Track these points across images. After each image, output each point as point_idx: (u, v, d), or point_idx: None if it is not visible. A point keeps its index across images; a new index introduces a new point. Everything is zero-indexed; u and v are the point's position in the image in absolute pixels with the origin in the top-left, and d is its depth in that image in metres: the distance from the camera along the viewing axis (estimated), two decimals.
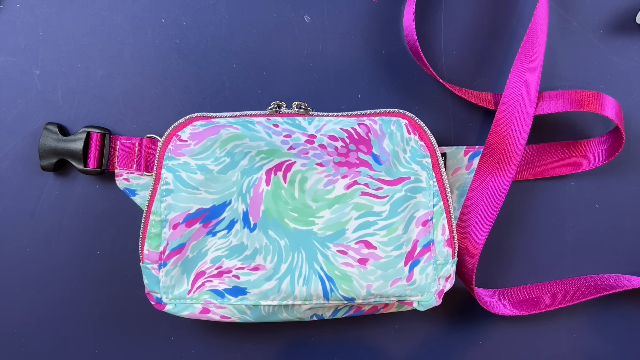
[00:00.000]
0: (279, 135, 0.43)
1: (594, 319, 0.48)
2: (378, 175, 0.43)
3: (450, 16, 0.48)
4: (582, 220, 0.48)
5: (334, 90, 0.47)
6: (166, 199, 0.42)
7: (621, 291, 0.48)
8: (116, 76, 0.47)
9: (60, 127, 0.45)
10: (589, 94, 0.44)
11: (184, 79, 0.47)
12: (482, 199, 0.45)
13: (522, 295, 0.47)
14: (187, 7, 0.47)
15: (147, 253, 0.43)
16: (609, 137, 0.46)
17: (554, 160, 0.47)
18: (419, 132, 0.43)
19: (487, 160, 0.45)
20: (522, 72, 0.44)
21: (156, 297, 0.43)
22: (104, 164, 0.45)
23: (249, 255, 0.43)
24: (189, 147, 0.42)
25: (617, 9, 0.48)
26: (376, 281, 0.42)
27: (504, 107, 0.44)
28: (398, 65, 0.47)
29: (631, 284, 0.46)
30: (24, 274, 0.47)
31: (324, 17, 0.47)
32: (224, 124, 0.42)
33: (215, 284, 0.43)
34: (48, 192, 0.47)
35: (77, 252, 0.47)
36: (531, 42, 0.44)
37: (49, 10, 0.47)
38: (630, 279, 0.46)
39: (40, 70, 0.47)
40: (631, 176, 0.48)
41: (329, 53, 0.47)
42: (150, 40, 0.47)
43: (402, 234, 0.43)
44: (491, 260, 0.48)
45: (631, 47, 0.48)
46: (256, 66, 0.47)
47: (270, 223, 0.43)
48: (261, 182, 0.43)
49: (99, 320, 0.47)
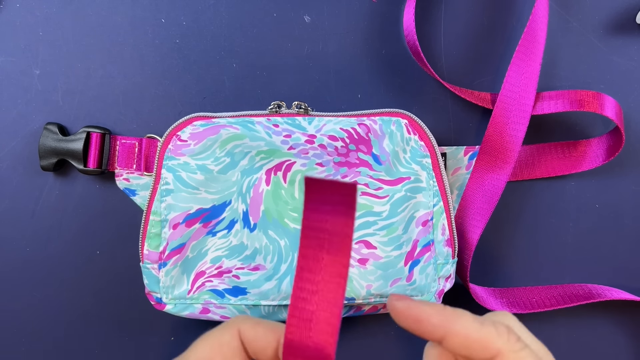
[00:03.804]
0: (279, 135, 0.43)
1: (595, 318, 0.48)
2: (378, 175, 0.43)
3: (450, 16, 0.48)
4: (582, 220, 0.48)
5: (334, 90, 0.47)
6: (166, 199, 0.42)
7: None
8: (116, 76, 0.47)
9: (60, 127, 0.45)
10: (589, 94, 0.44)
11: (184, 79, 0.47)
12: (478, 196, 0.45)
13: (521, 295, 0.47)
14: (187, 7, 0.47)
15: (147, 253, 0.43)
16: (609, 137, 0.46)
17: (554, 160, 0.47)
18: (419, 132, 0.43)
19: (484, 158, 0.45)
20: (519, 70, 0.44)
21: (156, 297, 0.43)
22: (104, 164, 0.45)
23: (249, 255, 0.43)
24: (189, 147, 0.42)
25: (617, 9, 0.48)
26: (376, 281, 0.42)
27: (501, 104, 0.45)
28: (398, 65, 0.47)
29: (612, 296, 0.46)
30: (24, 274, 0.47)
31: (324, 17, 0.47)
32: (224, 124, 0.42)
33: (215, 284, 0.43)
34: (48, 192, 0.47)
35: (77, 252, 0.47)
36: (529, 39, 0.44)
37: (49, 10, 0.47)
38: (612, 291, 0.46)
39: (40, 70, 0.47)
40: (631, 176, 0.48)
41: (329, 53, 0.47)
42: (150, 40, 0.47)
43: (402, 234, 0.43)
44: (491, 260, 0.48)
45: (631, 47, 0.48)
46: (256, 66, 0.47)
47: (270, 223, 0.43)
48: (261, 182, 0.43)
49: (99, 320, 0.47)
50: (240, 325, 0.28)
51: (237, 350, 0.28)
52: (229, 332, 0.28)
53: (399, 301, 0.26)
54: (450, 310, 0.26)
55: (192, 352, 0.28)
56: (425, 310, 0.26)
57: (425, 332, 0.26)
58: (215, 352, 0.28)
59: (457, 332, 0.25)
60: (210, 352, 0.28)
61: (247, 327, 0.28)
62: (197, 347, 0.28)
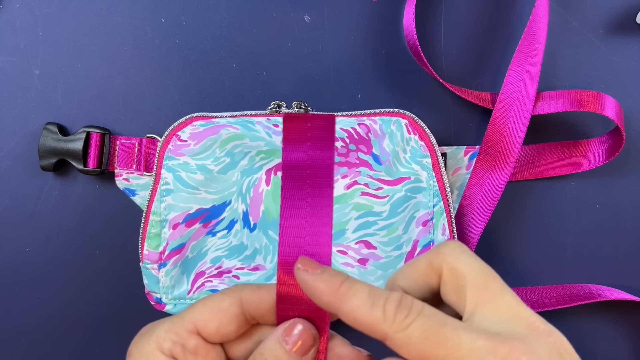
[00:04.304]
0: (279, 135, 0.43)
1: (595, 318, 0.48)
2: (378, 175, 0.43)
3: (450, 16, 0.47)
4: (582, 220, 0.48)
5: (334, 90, 0.47)
6: (166, 199, 0.42)
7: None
8: (116, 76, 0.47)
9: (60, 127, 0.45)
10: (589, 94, 0.44)
11: (184, 79, 0.47)
12: (478, 196, 0.45)
13: (521, 295, 0.47)
14: (187, 7, 0.47)
15: (146, 253, 0.43)
16: (609, 137, 0.46)
17: (554, 160, 0.47)
18: (419, 132, 0.43)
19: (485, 158, 0.45)
20: (520, 70, 0.44)
21: (156, 297, 0.43)
22: (104, 164, 0.45)
23: (249, 255, 0.43)
24: (189, 147, 0.42)
25: (617, 9, 0.48)
26: (376, 281, 0.42)
27: (501, 104, 0.45)
28: (398, 65, 0.47)
29: (612, 296, 0.46)
30: (24, 274, 0.47)
31: (324, 17, 0.47)
32: (224, 124, 0.42)
33: (215, 284, 0.43)
34: (48, 192, 0.47)
35: (77, 252, 0.47)
36: (530, 39, 0.44)
37: (49, 10, 0.47)
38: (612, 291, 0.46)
39: (40, 70, 0.47)
40: (631, 176, 0.48)
41: (329, 53, 0.47)
42: (150, 40, 0.47)
43: (402, 234, 0.43)
44: (491, 261, 0.48)
45: (631, 47, 0.48)
46: (256, 66, 0.47)
47: (270, 223, 0.43)
48: (261, 182, 0.43)
49: (99, 320, 0.47)
50: (242, 293, 0.28)
51: (234, 317, 0.28)
52: (229, 298, 0.28)
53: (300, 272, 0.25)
54: (345, 288, 0.24)
55: (189, 313, 0.28)
56: (318, 287, 0.25)
57: (323, 307, 0.25)
58: (213, 315, 0.28)
59: (345, 313, 0.24)
60: (208, 314, 0.28)
61: (249, 292, 0.28)
62: (194, 309, 0.28)
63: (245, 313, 0.28)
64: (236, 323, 0.28)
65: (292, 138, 0.25)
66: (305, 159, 0.26)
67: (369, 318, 0.24)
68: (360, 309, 0.24)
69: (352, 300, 0.24)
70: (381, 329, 0.24)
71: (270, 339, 0.27)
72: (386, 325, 0.24)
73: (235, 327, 0.28)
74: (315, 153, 0.25)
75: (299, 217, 0.26)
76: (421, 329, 0.23)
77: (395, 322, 0.24)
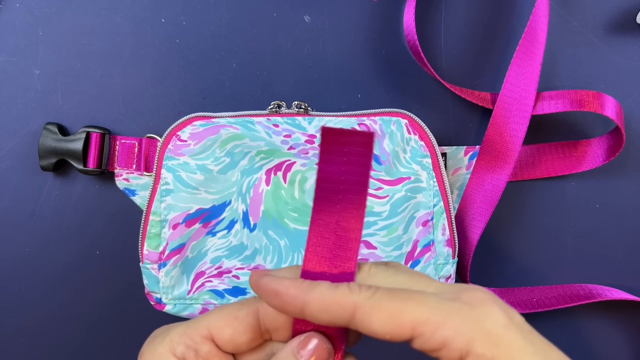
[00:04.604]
0: (278, 135, 0.43)
1: (595, 318, 0.48)
2: (378, 175, 0.43)
3: (450, 16, 0.47)
4: (582, 220, 0.48)
5: (334, 90, 0.47)
6: (166, 199, 0.42)
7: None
8: (116, 76, 0.47)
9: (60, 127, 0.45)
10: (589, 94, 0.44)
11: (184, 79, 0.47)
12: (478, 196, 0.45)
13: (521, 295, 0.47)
14: (187, 7, 0.47)
15: (146, 253, 0.43)
16: (609, 137, 0.46)
17: (554, 160, 0.47)
18: (419, 132, 0.43)
19: (484, 158, 0.45)
20: (520, 70, 0.44)
21: (156, 297, 0.43)
22: (104, 164, 0.45)
23: (249, 256, 0.43)
24: (189, 147, 0.42)
25: (617, 9, 0.48)
26: None
27: (501, 104, 0.45)
28: (398, 65, 0.47)
29: (612, 295, 0.46)
30: (24, 274, 0.47)
31: (324, 17, 0.47)
32: (224, 123, 0.42)
33: (215, 284, 0.43)
34: (48, 192, 0.47)
35: (77, 252, 0.47)
36: (530, 39, 0.44)
37: (49, 10, 0.47)
38: (612, 291, 0.46)
39: (40, 70, 0.47)
40: (631, 176, 0.48)
41: (329, 53, 0.47)
42: (150, 40, 0.47)
43: (402, 234, 0.43)
44: (491, 261, 0.48)
45: (631, 47, 0.48)
46: (256, 66, 0.47)
47: (270, 223, 0.43)
48: (261, 182, 0.43)
49: (99, 320, 0.47)
50: (259, 303, 0.28)
51: (249, 327, 0.28)
52: (246, 308, 0.28)
53: (258, 276, 0.26)
54: (308, 282, 0.26)
55: (205, 318, 0.28)
56: (283, 283, 0.26)
57: (287, 305, 0.25)
58: (228, 323, 0.28)
59: (314, 298, 0.25)
60: (223, 321, 0.28)
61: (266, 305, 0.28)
62: (211, 315, 0.28)
63: (260, 324, 0.28)
64: (250, 333, 0.28)
65: (328, 150, 0.25)
66: (340, 174, 0.25)
67: (336, 295, 0.25)
68: (326, 292, 0.25)
69: (318, 287, 0.25)
70: (350, 300, 0.25)
71: (284, 351, 0.27)
72: (354, 296, 0.25)
73: (249, 337, 0.28)
74: (350, 168, 0.25)
75: (327, 232, 0.26)
76: (387, 290, 0.25)
77: (362, 291, 0.25)
